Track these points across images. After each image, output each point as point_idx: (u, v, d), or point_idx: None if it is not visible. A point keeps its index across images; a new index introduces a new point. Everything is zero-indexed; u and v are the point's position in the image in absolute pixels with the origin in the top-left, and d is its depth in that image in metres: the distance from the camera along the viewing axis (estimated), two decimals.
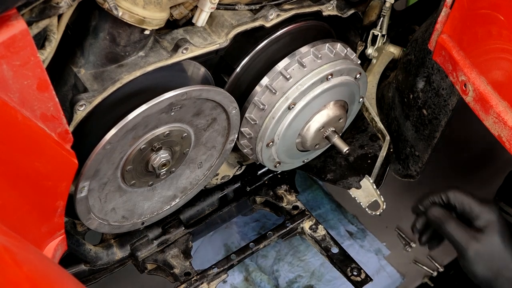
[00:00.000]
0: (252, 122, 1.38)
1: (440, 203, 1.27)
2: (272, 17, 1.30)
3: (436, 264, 2.06)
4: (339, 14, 1.41)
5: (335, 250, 1.68)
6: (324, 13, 1.38)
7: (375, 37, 1.57)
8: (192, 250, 1.65)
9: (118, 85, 1.13)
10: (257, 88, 1.36)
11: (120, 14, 1.04)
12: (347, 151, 1.44)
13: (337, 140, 1.43)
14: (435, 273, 2.05)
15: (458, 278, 2.04)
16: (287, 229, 1.72)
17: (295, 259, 2.04)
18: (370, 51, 1.59)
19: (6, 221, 0.94)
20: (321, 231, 1.72)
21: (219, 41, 1.26)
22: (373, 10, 1.52)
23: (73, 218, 1.35)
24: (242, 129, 1.40)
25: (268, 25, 1.30)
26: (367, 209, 1.65)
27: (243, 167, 1.68)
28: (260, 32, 1.33)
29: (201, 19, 1.20)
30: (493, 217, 1.22)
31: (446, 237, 1.25)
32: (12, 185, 0.98)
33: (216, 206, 1.74)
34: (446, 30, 1.26)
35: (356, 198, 1.67)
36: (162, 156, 1.28)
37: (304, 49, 1.36)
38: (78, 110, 1.11)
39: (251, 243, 1.69)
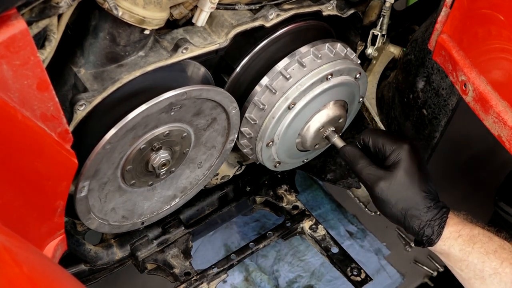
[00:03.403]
0: (252, 122, 1.38)
1: (357, 145, 1.28)
2: (272, 17, 1.30)
3: (436, 264, 2.06)
4: (339, 14, 1.41)
5: (335, 250, 1.69)
6: (324, 13, 1.38)
7: (375, 37, 1.56)
8: (192, 250, 1.65)
9: (118, 85, 1.13)
10: (257, 88, 1.36)
11: (120, 14, 1.04)
12: None
13: (337, 140, 1.44)
14: (435, 273, 2.06)
15: None
16: (287, 229, 1.72)
17: (295, 259, 2.04)
18: (370, 51, 1.58)
19: (6, 220, 0.94)
20: (321, 231, 1.72)
21: (219, 41, 1.26)
22: (373, 10, 1.52)
23: (73, 218, 1.35)
24: (242, 129, 1.40)
25: (268, 25, 1.30)
26: (367, 209, 1.65)
27: (243, 167, 1.68)
28: (260, 32, 1.33)
29: (201, 19, 1.20)
30: (402, 154, 1.21)
31: (357, 176, 1.25)
32: (12, 184, 0.98)
33: (216, 206, 1.74)
34: (446, 30, 1.26)
35: (356, 198, 1.67)
36: (162, 156, 1.28)
37: (304, 49, 1.36)
38: (78, 110, 1.11)
39: (251, 243, 1.69)
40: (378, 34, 1.56)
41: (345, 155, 1.28)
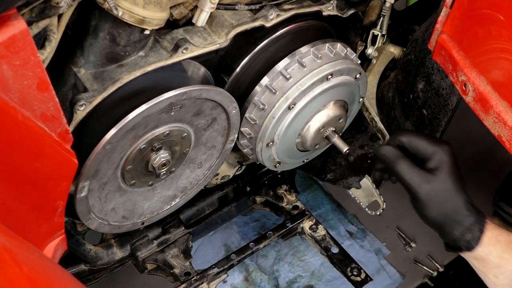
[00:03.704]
0: (252, 122, 1.38)
1: (395, 145, 1.24)
2: (272, 17, 1.30)
3: (436, 264, 2.06)
4: (339, 14, 1.41)
5: (335, 250, 1.69)
6: (324, 13, 1.38)
7: (375, 37, 1.56)
8: (192, 250, 1.65)
9: (118, 85, 1.13)
10: (257, 88, 1.36)
11: (120, 14, 1.04)
12: (347, 151, 1.44)
13: (337, 140, 1.43)
14: (435, 273, 2.05)
15: (458, 278, 2.04)
16: (287, 229, 1.72)
17: (295, 259, 2.04)
18: (370, 51, 1.59)
19: (6, 221, 0.94)
20: (321, 231, 1.72)
21: (219, 41, 1.26)
22: (373, 10, 1.52)
23: (73, 218, 1.35)
24: (242, 129, 1.40)
25: (268, 25, 1.30)
26: (367, 209, 1.65)
27: (243, 167, 1.68)
28: (260, 32, 1.33)
29: (201, 19, 1.20)
30: (445, 157, 1.18)
31: (397, 178, 1.21)
32: (12, 184, 0.98)
33: (216, 206, 1.74)
34: (446, 30, 1.26)
35: (356, 198, 1.67)
36: (162, 156, 1.28)
37: (304, 49, 1.36)
38: (78, 110, 1.11)
39: (251, 243, 1.69)
40: (378, 34, 1.56)
41: (385, 155, 1.22)
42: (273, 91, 1.34)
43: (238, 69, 1.36)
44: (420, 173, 1.18)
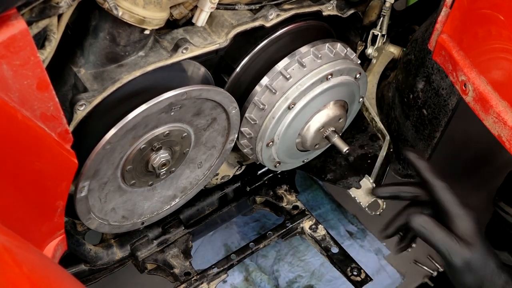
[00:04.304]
0: (252, 122, 1.38)
1: (424, 212, 1.23)
2: (272, 17, 1.30)
3: (436, 264, 2.06)
4: (339, 14, 1.41)
5: (335, 250, 1.69)
6: (324, 13, 1.38)
7: (375, 37, 1.56)
8: (192, 250, 1.65)
9: (118, 85, 1.13)
10: (257, 88, 1.36)
11: (120, 14, 1.04)
12: (347, 151, 1.44)
13: (337, 140, 1.43)
14: (435, 273, 2.05)
15: None
16: (287, 229, 1.72)
17: (295, 259, 2.04)
18: (370, 51, 1.59)
19: (6, 221, 0.94)
20: (321, 231, 1.72)
21: (219, 41, 1.26)
22: (373, 10, 1.52)
23: (73, 218, 1.35)
24: (242, 129, 1.40)
25: (268, 25, 1.30)
26: (367, 209, 1.65)
27: (243, 167, 1.68)
28: (260, 32, 1.33)
29: (201, 19, 1.20)
30: (472, 224, 1.19)
31: (432, 247, 1.20)
32: (12, 185, 0.98)
33: (216, 206, 1.74)
34: (446, 30, 1.26)
35: (356, 198, 1.67)
36: (162, 156, 1.28)
37: (304, 49, 1.36)
38: (78, 110, 1.11)
39: (251, 243, 1.69)
40: (378, 34, 1.56)
41: (421, 226, 1.20)
42: (273, 91, 1.34)
43: (238, 69, 1.36)
44: (458, 245, 1.18)
